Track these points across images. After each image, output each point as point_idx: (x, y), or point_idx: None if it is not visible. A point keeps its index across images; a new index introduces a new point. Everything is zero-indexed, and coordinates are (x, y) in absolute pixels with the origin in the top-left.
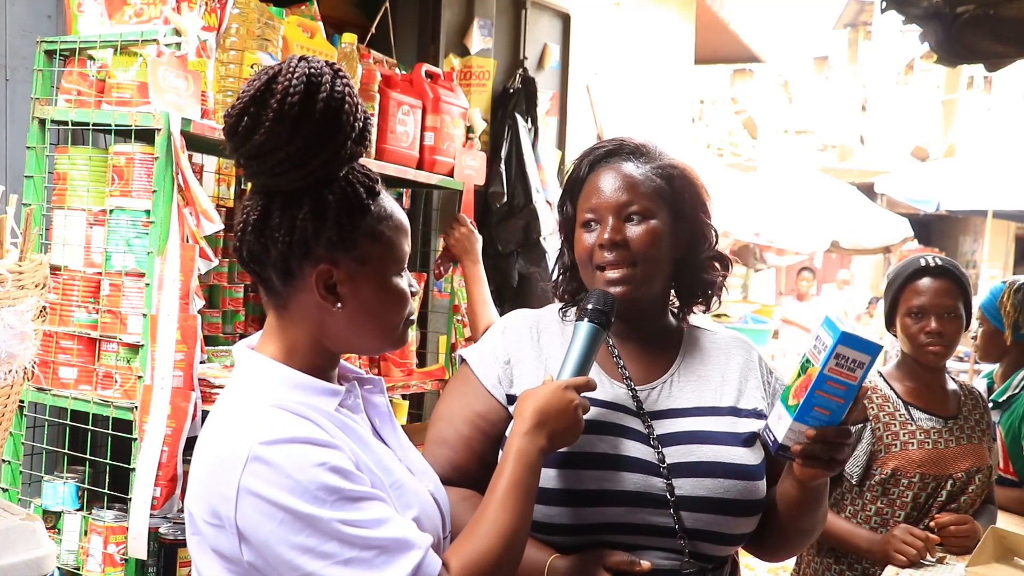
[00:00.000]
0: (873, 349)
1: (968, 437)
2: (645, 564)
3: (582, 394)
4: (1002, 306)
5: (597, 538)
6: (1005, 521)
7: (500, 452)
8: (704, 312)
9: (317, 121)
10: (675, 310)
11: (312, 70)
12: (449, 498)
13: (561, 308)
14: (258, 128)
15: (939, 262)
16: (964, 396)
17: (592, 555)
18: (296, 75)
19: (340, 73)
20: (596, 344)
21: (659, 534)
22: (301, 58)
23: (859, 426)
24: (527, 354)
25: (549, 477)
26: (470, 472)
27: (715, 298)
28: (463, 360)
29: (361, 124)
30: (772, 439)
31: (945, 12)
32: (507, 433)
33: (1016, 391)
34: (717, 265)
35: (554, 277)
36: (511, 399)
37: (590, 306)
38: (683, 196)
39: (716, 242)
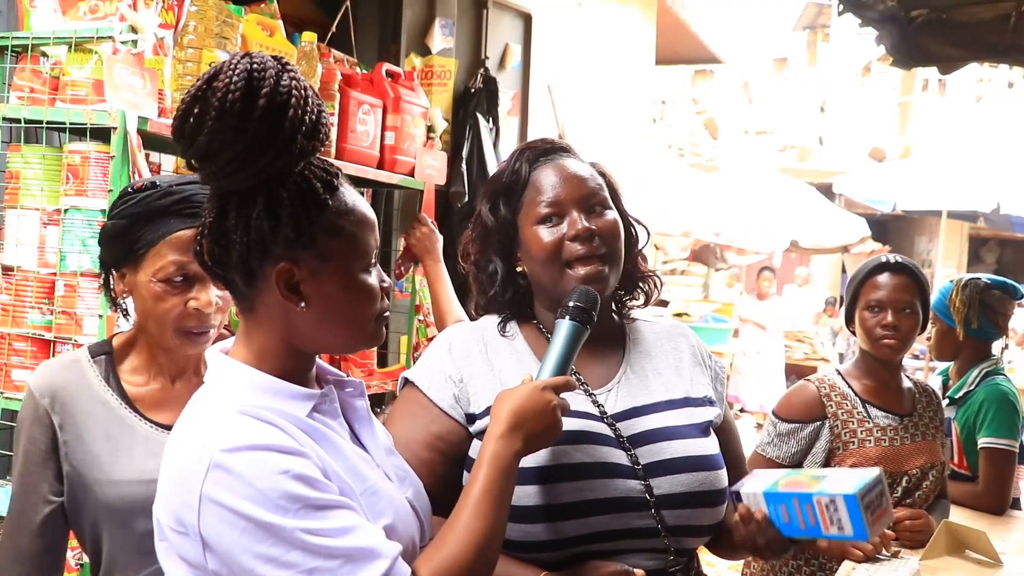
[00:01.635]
0: (860, 534)
1: (923, 434)
2: (639, 573)
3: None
4: (951, 303)
5: (581, 549)
6: (958, 515)
7: (464, 473)
8: (643, 307)
9: (260, 118)
10: (615, 306)
11: (254, 66)
12: None
13: (499, 323)
14: (202, 128)
15: (899, 259)
16: (919, 394)
17: (583, 569)
18: (237, 72)
19: (288, 67)
20: (577, 343)
21: (642, 536)
22: (245, 54)
23: (818, 423)
24: (479, 369)
25: (528, 494)
26: (435, 496)
27: (655, 291)
28: (407, 382)
29: (313, 118)
30: (740, 485)
31: (900, 16)
32: (470, 453)
33: (972, 388)
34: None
35: (482, 291)
36: (470, 418)
37: (572, 303)
38: (615, 191)
39: (648, 238)
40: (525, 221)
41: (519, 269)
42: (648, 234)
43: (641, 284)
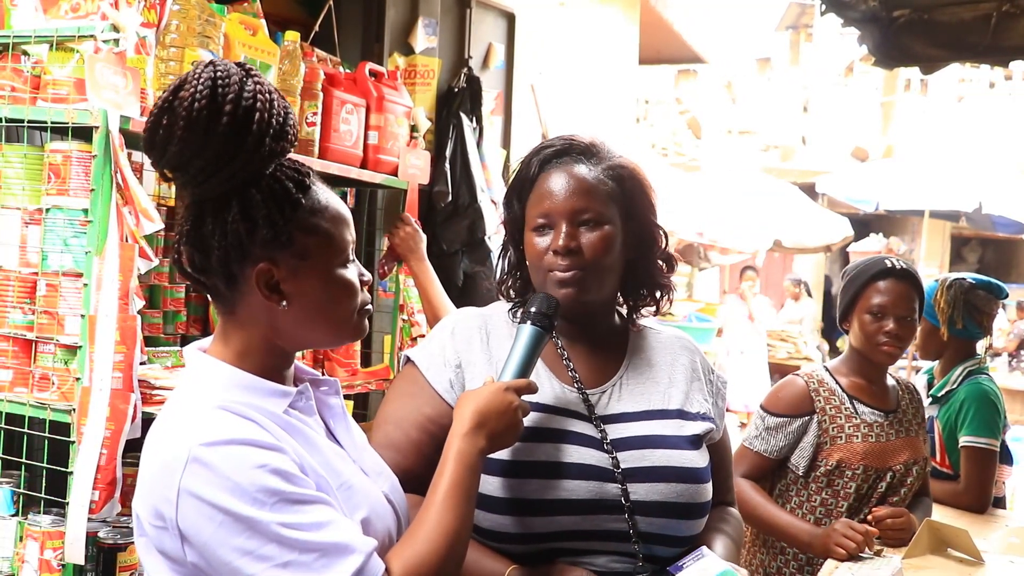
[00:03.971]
0: None
1: (906, 430)
2: None
3: (523, 397)
4: (936, 303)
5: (550, 545)
6: (940, 514)
7: None
8: (654, 314)
9: (227, 124)
10: (621, 311)
11: (218, 74)
12: None
13: (510, 309)
14: (172, 139)
15: (903, 265)
16: (902, 391)
17: (550, 570)
18: (201, 81)
19: (252, 73)
20: (538, 347)
21: (613, 539)
22: (209, 63)
23: (806, 418)
24: (478, 357)
25: (502, 486)
26: (420, 477)
27: (665, 299)
28: (408, 360)
29: (280, 120)
30: None
31: (882, 16)
32: (446, 442)
33: (954, 386)
34: (664, 266)
35: (499, 275)
36: None
37: (533, 309)
38: (633, 198)
39: (666, 244)
40: (526, 223)
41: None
42: (667, 240)
43: (653, 292)
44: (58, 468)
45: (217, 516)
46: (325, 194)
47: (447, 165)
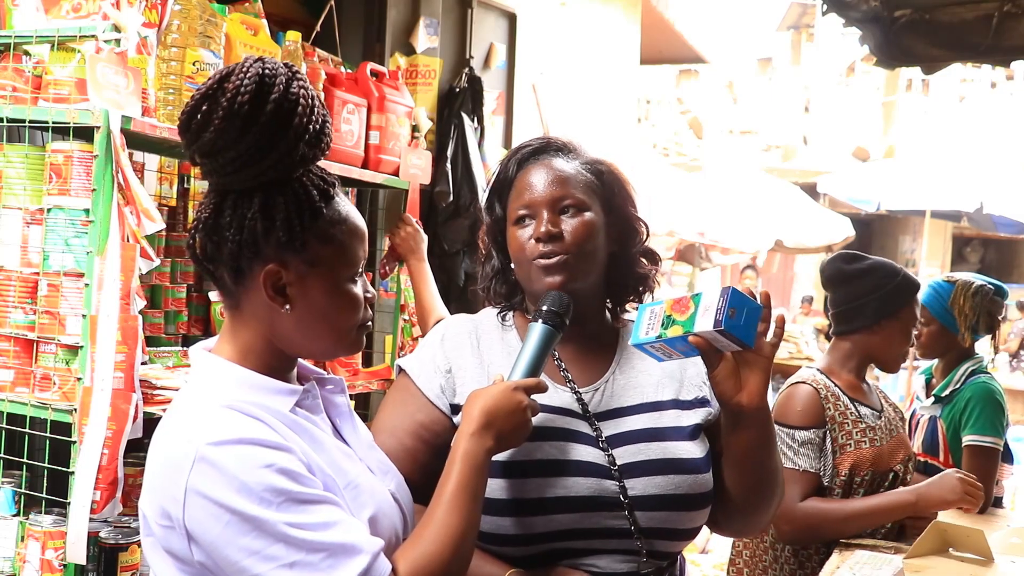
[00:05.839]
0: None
1: (896, 428)
2: None
3: (532, 396)
4: (957, 308)
5: (551, 546)
6: (940, 513)
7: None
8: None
9: (267, 122)
10: (609, 307)
11: (266, 71)
12: None
13: (499, 312)
14: (208, 126)
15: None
16: (878, 390)
17: (549, 573)
18: (248, 75)
19: (297, 75)
20: (549, 346)
21: (614, 536)
22: (258, 59)
23: (825, 428)
24: (468, 362)
25: (499, 487)
26: (416, 485)
27: (647, 292)
28: (401, 370)
29: (317, 127)
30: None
31: (883, 16)
32: (452, 443)
33: (958, 386)
34: (645, 260)
35: (483, 282)
36: (455, 408)
37: (545, 307)
38: (612, 191)
39: (647, 237)
40: (508, 221)
41: (513, 265)
42: (648, 234)
43: (636, 286)
44: (59, 468)
45: (224, 515)
46: (346, 206)
47: (448, 165)
